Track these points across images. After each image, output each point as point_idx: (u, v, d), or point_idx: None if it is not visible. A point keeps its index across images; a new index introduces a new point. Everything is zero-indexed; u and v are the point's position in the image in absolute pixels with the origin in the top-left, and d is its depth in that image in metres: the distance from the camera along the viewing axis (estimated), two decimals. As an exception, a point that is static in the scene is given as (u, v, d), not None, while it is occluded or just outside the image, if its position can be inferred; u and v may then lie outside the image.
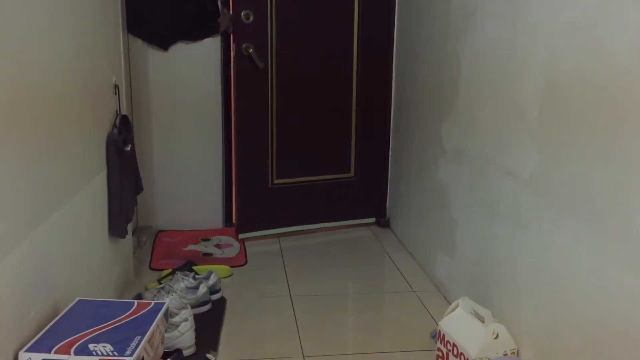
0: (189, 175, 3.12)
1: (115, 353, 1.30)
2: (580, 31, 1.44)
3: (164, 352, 1.65)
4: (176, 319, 1.87)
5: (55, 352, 1.28)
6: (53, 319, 1.43)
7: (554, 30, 1.56)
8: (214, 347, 1.96)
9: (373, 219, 3.27)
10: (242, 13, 2.78)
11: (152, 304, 1.57)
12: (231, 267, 2.64)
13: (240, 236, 2.99)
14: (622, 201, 1.29)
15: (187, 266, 2.36)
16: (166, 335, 1.74)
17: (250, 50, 2.81)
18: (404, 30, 3.01)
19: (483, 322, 1.78)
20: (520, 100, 1.74)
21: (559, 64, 1.54)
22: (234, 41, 2.83)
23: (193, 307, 2.09)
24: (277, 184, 3.05)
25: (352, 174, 3.21)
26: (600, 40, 1.36)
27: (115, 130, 2.09)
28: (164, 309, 1.55)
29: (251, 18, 2.79)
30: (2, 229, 1.23)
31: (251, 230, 3.03)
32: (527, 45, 1.70)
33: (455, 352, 1.78)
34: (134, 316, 1.49)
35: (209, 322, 2.12)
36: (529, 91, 1.69)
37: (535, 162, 1.66)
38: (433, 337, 2.01)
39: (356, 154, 3.20)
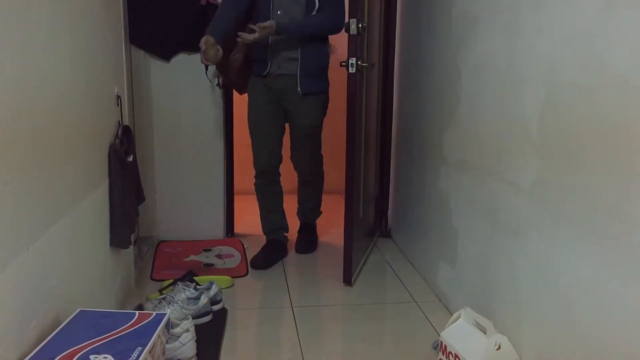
0: (191, 186, 3.13)
1: (116, 364, 1.30)
2: (579, 42, 1.45)
3: (165, 363, 1.64)
4: (177, 330, 1.87)
5: (56, 363, 1.28)
6: (54, 329, 1.43)
7: (553, 41, 1.57)
8: (215, 358, 1.96)
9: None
10: (360, 25, 2.39)
11: (154, 314, 1.57)
12: (232, 277, 2.64)
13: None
14: (623, 211, 1.29)
15: (188, 277, 2.35)
16: (167, 346, 1.73)
17: (366, 64, 2.52)
18: (405, 41, 3.02)
19: (485, 332, 1.77)
20: (521, 110, 1.75)
21: (558, 74, 1.54)
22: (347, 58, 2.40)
23: (194, 317, 2.09)
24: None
25: (377, 189, 3.20)
26: (599, 50, 1.37)
27: (118, 141, 2.09)
28: (165, 319, 1.55)
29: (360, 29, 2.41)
30: (4, 239, 1.23)
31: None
32: (527, 56, 1.71)
33: (457, 363, 1.77)
34: (135, 327, 1.49)
35: (210, 332, 2.11)
36: (529, 101, 1.70)
37: (536, 172, 1.66)
38: (435, 348, 2.00)
39: (377, 168, 3.17)
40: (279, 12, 2.55)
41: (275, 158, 2.80)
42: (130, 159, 2.19)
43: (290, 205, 3.06)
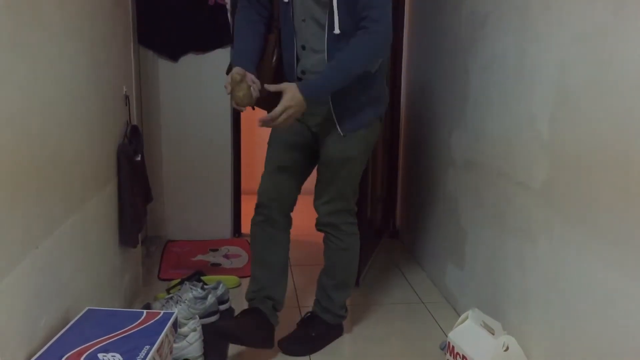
0: (198, 186, 3.13)
1: (124, 362, 1.30)
2: (590, 41, 1.44)
3: (173, 362, 1.64)
4: (184, 329, 1.87)
5: (65, 361, 1.29)
6: (63, 327, 1.44)
7: (564, 41, 1.56)
8: (221, 357, 1.96)
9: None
10: None
11: (161, 313, 1.57)
12: (239, 277, 2.64)
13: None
14: (633, 213, 1.28)
15: (196, 276, 2.35)
16: (174, 345, 1.73)
17: None
18: (413, 41, 3.02)
19: (493, 334, 1.76)
20: (530, 110, 1.74)
21: (569, 74, 1.54)
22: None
23: (201, 317, 2.08)
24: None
25: (385, 190, 3.19)
26: (611, 50, 1.36)
27: (126, 141, 2.10)
28: (172, 318, 1.55)
29: None
30: (14, 238, 1.24)
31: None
32: (537, 56, 1.70)
33: (465, 364, 1.76)
34: (143, 326, 1.49)
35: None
36: (539, 101, 1.69)
37: (546, 173, 1.65)
38: (442, 349, 2.00)
39: (386, 169, 3.16)
40: (303, 21, 1.80)
41: (280, 190, 1.97)
42: (139, 158, 2.20)
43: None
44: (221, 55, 3.00)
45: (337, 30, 1.72)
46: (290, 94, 1.66)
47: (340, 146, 1.88)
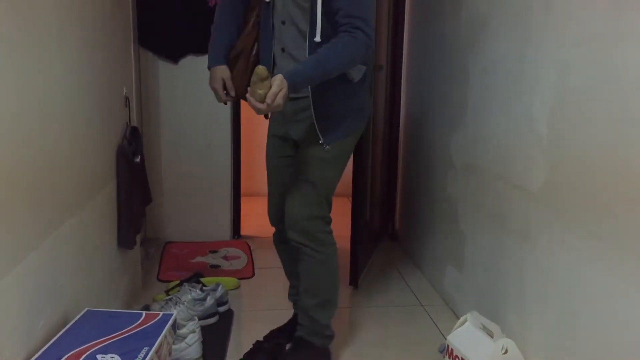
0: (198, 187, 3.13)
1: (123, 364, 1.30)
2: (590, 45, 1.44)
3: (171, 363, 1.64)
4: (183, 331, 1.87)
5: (64, 363, 1.29)
6: (62, 329, 1.44)
7: (563, 44, 1.56)
8: (220, 359, 1.96)
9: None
10: None
11: (160, 315, 1.57)
12: (239, 279, 2.64)
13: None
14: (632, 217, 1.29)
15: (195, 278, 2.36)
16: (173, 347, 1.73)
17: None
18: (413, 43, 3.02)
19: (492, 337, 1.76)
20: (529, 113, 1.74)
21: (568, 77, 1.54)
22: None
23: (200, 318, 2.09)
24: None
25: (384, 192, 3.20)
26: (610, 52, 1.36)
27: (125, 142, 2.10)
28: (171, 320, 1.55)
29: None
30: (12, 239, 1.23)
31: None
32: (536, 59, 1.71)
33: (463, 367, 1.76)
34: (142, 327, 1.49)
35: (216, 334, 2.12)
36: (538, 105, 1.69)
37: (544, 176, 1.65)
38: (441, 351, 2.00)
39: (385, 171, 3.17)
40: (282, 23, 1.77)
41: (282, 213, 1.94)
42: (138, 159, 2.20)
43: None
44: (221, 57, 3.00)
45: (318, 38, 1.67)
46: (280, 78, 1.57)
47: (317, 146, 1.81)
